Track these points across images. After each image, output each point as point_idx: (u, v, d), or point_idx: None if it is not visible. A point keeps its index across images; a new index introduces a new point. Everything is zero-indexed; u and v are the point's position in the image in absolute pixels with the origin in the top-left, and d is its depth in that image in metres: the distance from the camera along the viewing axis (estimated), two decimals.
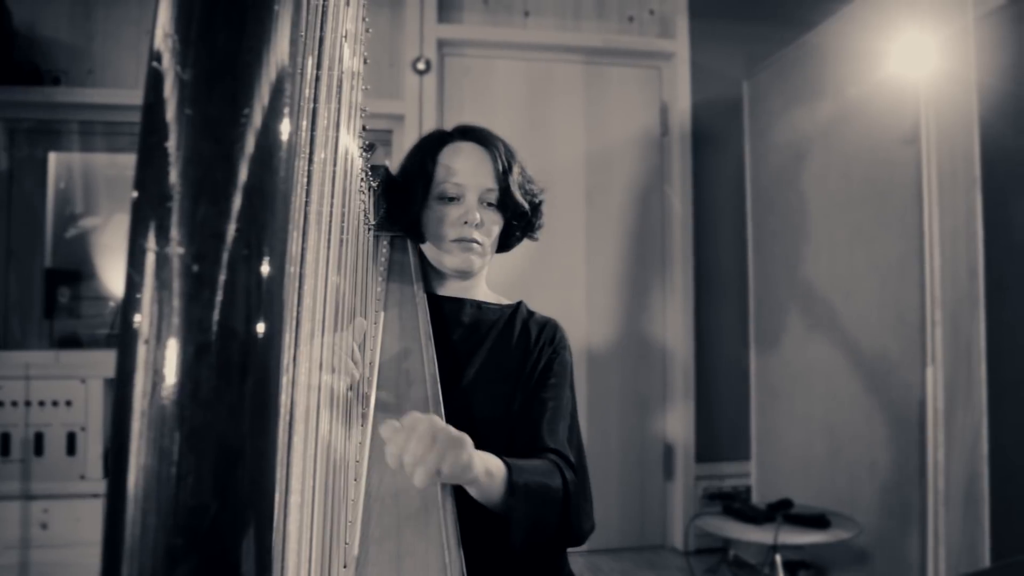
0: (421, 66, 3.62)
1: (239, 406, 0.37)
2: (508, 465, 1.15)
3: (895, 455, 2.80)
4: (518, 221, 1.47)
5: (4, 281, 3.35)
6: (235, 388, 0.37)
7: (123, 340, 0.36)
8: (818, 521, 2.72)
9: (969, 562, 2.45)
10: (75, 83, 3.35)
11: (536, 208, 1.49)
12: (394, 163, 1.53)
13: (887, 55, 2.78)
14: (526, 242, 1.53)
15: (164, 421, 0.36)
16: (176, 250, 0.36)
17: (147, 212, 0.37)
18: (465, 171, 1.41)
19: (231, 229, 0.37)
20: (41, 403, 2.89)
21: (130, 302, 0.36)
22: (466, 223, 1.39)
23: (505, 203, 1.42)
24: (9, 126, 3.39)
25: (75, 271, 3.40)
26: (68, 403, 2.91)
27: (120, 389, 0.36)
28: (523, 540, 1.16)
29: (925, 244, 2.63)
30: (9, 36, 3.21)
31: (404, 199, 1.45)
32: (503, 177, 1.41)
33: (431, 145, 1.46)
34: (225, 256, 0.37)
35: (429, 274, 1.50)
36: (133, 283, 0.36)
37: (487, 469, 1.11)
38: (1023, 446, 2.36)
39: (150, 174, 0.37)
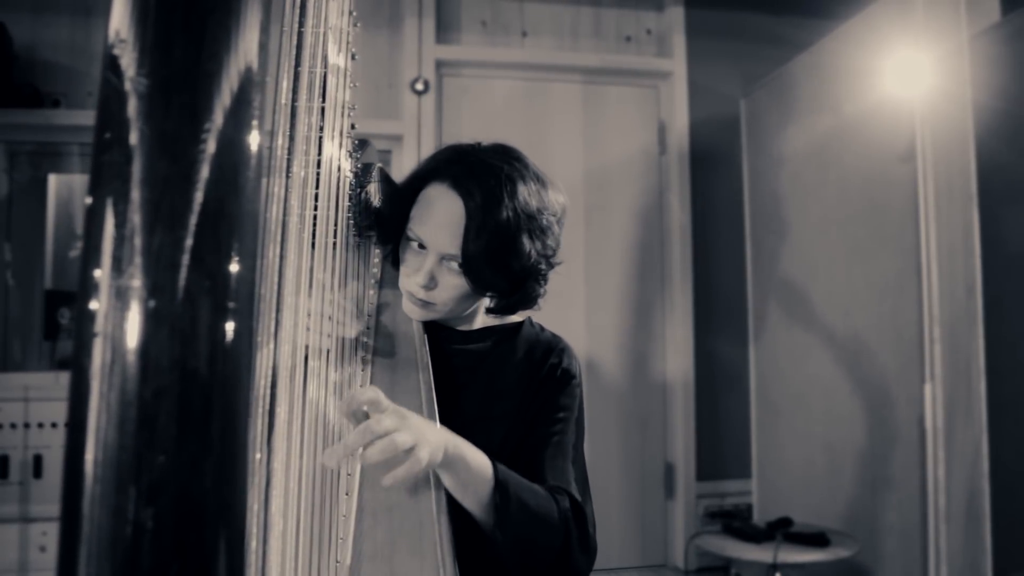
0: (419, 86, 3.64)
1: (202, 455, 0.33)
2: (497, 471, 1.06)
3: (895, 472, 2.79)
4: (490, 293, 1.25)
5: (4, 302, 3.35)
6: (197, 435, 0.33)
7: (75, 381, 0.32)
8: (818, 539, 2.70)
9: None
10: (75, 105, 3.37)
11: (523, 281, 1.22)
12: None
13: (882, 74, 2.79)
14: None
15: (120, 473, 0.32)
16: (131, 283, 0.33)
17: (99, 239, 0.34)
18: (429, 225, 1.20)
19: (191, 258, 0.34)
20: (40, 425, 2.89)
21: (82, 339, 0.33)
22: (416, 281, 1.21)
23: (469, 272, 1.19)
24: (9, 148, 3.40)
25: (75, 293, 3.39)
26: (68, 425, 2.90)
27: (72, 437, 0.33)
28: (514, 559, 1.09)
29: (922, 261, 2.63)
30: (9, 59, 3.23)
31: (387, 225, 1.30)
32: (470, 244, 1.16)
33: (422, 175, 1.26)
34: (184, 288, 0.33)
35: None
36: (85, 318, 0.33)
37: (464, 459, 1.03)
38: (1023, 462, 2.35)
39: (103, 197, 0.34)
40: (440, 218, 1.19)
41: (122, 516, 0.32)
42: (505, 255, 1.18)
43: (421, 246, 1.22)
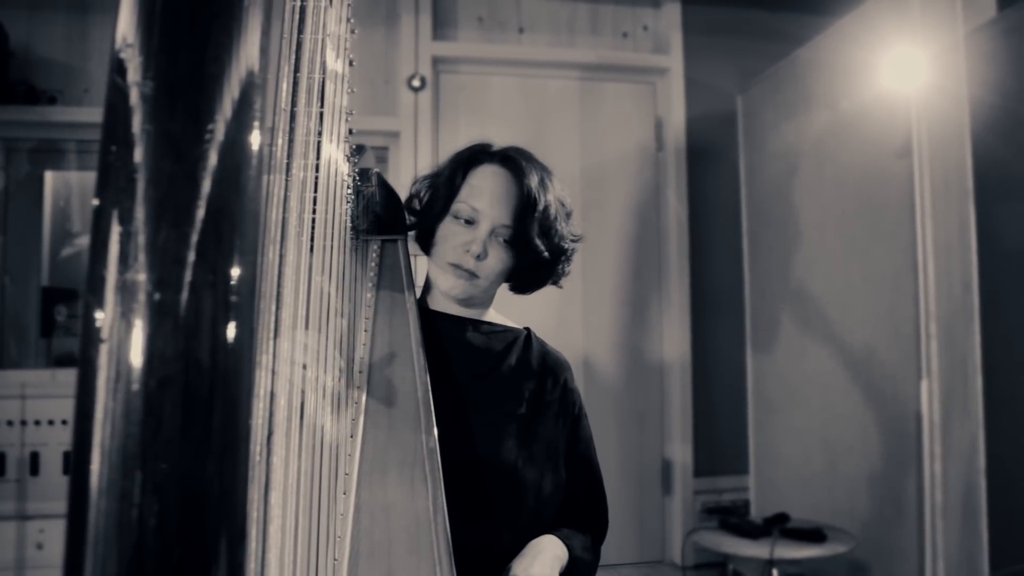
0: (416, 83, 3.64)
1: (205, 443, 0.34)
2: (571, 553, 1.34)
3: (892, 468, 2.80)
4: (531, 266, 1.37)
5: (0, 300, 3.35)
6: (201, 424, 0.34)
7: (82, 373, 0.34)
8: (814, 535, 2.71)
9: (968, 574, 2.44)
10: (71, 102, 3.36)
11: (559, 256, 1.39)
12: (389, 176, 1.47)
13: (879, 70, 2.79)
14: None
15: (126, 461, 0.33)
16: (137, 277, 0.34)
17: (106, 235, 0.35)
18: (486, 198, 1.32)
19: (195, 254, 0.35)
20: (37, 422, 2.89)
21: (88, 332, 0.34)
22: (468, 251, 1.30)
23: (518, 244, 1.32)
24: (6, 145, 3.39)
25: (72, 290, 3.40)
26: (64, 422, 2.90)
27: (79, 426, 0.34)
28: None
29: (919, 257, 2.64)
30: (5, 56, 3.23)
31: (424, 207, 1.39)
32: (523, 217, 1.31)
33: (467, 159, 1.38)
34: (188, 283, 0.34)
35: (433, 289, 1.41)
36: (91, 312, 0.34)
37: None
38: (1020, 457, 2.36)
39: (109, 194, 0.35)
40: (496, 192, 1.33)
41: (128, 501, 0.33)
42: (549, 231, 1.34)
43: (468, 222, 1.32)
